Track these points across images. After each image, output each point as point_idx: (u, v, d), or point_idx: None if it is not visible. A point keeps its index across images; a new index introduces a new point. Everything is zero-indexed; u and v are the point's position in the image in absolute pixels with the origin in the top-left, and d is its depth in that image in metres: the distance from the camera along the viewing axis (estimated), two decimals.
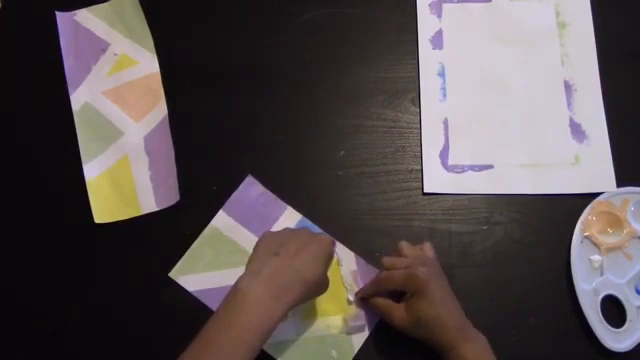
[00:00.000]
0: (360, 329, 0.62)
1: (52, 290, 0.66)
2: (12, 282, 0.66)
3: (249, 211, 0.67)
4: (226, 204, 0.67)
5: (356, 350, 0.62)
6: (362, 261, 0.65)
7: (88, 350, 0.64)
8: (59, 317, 0.65)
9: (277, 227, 0.66)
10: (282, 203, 0.67)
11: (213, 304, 0.63)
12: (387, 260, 0.60)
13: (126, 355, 0.63)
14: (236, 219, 0.67)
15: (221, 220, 0.67)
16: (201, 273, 0.65)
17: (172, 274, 0.65)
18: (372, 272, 0.64)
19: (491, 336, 0.61)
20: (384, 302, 0.60)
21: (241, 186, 0.68)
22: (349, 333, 0.62)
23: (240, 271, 0.56)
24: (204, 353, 0.51)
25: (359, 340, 0.62)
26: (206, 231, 0.66)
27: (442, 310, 0.55)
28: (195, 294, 0.64)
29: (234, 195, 0.67)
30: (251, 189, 0.68)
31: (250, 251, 0.59)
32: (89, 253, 0.67)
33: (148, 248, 0.66)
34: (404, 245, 0.61)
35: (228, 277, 0.64)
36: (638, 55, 0.72)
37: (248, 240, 0.66)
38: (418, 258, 0.59)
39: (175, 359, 0.62)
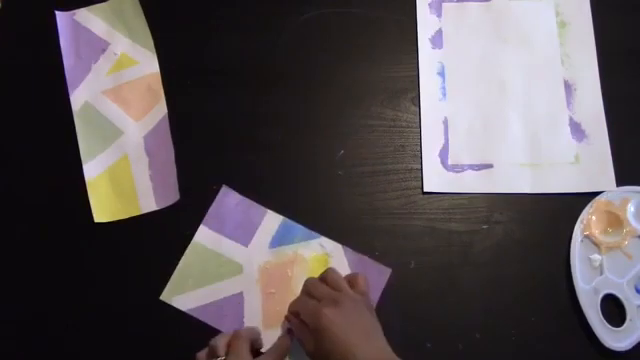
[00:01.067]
0: None
1: (52, 290, 0.66)
2: (12, 282, 0.66)
3: (230, 221, 0.67)
4: (205, 218, 0.67)
5: None
6: (350, 251, 0.65)
7: (88, 350, 0.64)
8: (59, 317, 0.65)
9: (261, 232, 0.66)
10: (261, 208, 0.67)
11: (210, 320, 0.63)
12: (308, 283, 0.59)
13: (126, 355, 0.63)
14: (218, 231, 0.66)
15: (203, 235, 0.66)
16: (192, 291, 0.64)
17: (163, 297, 0.64)
18: (363, 261, 0.64)
19: (491, 336, 0.62)
20: (299, 328, 0.58)
21: (217, 197, 0.67)
22: None
23: (230, 282, 0.59)
24: None
25: None
26: (190, 248, 0.66)
27: (343, 350, 0.52)
28: (190, 313, 0.64)
29: (212, 208, 0.67)
30: (228, 199, 0.67)
31: (238, 260, 0.61)
32: (89, 253, 0.67)
33: (148, 248, 0.66)
34: (331, 273, 0.59)
35: (219, 290, 0.64)
36: (638, 55, 0.72)
37: (233, 250, 0.66)
38: (333, 293, 0.57)
39: (175, 359, 0.63)
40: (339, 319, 0.54)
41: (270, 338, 0.61)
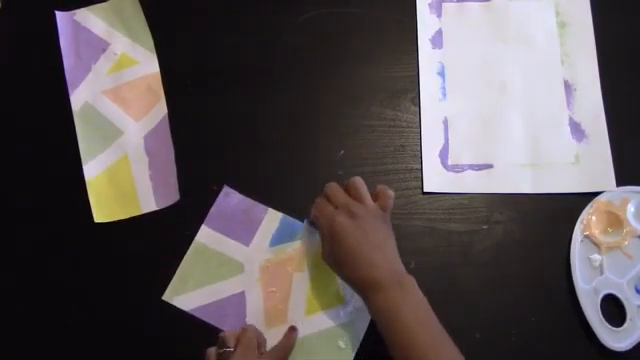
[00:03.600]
0: (358, 314, 0.62)
1: (52, 290, 0.66)
2: (12, 282, 0.66)
3: (231, 220, 0.67)
4: (207, 218, 0.67)
5: (362, 336, 0.62)
6: None
7: (88, 350, 0.64)
8: (59, 317, 0.65)
9: (261, 231, 0.66)
10: (262, 206, 0.67)
11: (212, 319, 0.64)
12: (329, 187, 0.61)
13: (126, 355, 0.63)
14: (219, 231, 0.66)
15: (204, 235, 0.66)
16: (194, 291, 0.65)
17: (166, 297, 0.64)
18: None
19: (491, 336, 0.62)
20: (320, 225, 0.60)
21: (219, 198, 0.67)
22: (350, 321, 0.62)
23: (232, 282, 0.61)
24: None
25: (362, 325, 0.62)
26: (191, 249, 0.66)
27: (355, 262, 0.56)
28: (192, 313, 0.64)
29: (214, 208, 0.67)
30: (229, 199, 0.67)
31: (239, 259, 0.62)
32: (89, 253, 0.67)
33: (148, 248, 0.66)
34: (354, 182, 0.60)
35: (221, 290, 0.64)
36: (638, 55, 0.72)
37: (235, 249, 0.66)
38: (351, 203, 0.59)
39: (175, 359, 0.63)
40: (352, 229, 0.57)
41: (272, 337, 0.62)
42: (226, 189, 0.68)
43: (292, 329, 0.62)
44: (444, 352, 0.52)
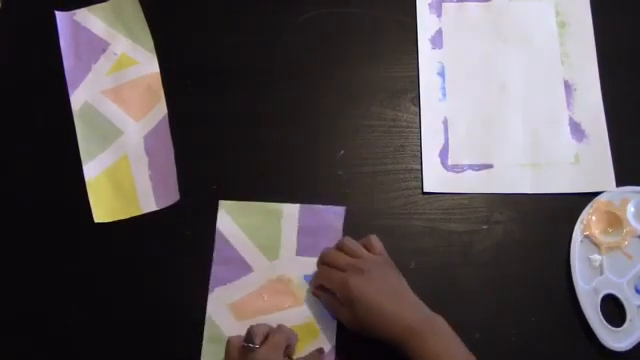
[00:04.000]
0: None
1: (52, 290, 0.66)
2: (12, 282, 0.66)
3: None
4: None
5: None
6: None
7: (88, 350, 0.64)
8: (59, 317, 0.65)
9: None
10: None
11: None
12: (327, 254, 0.61)
13: (126, 355, 0.63)
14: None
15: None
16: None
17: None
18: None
19: (491, 336, 0.62)
20: (330, 301, 0.60)
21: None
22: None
23: None
24: None
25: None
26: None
27: (383, 316, 0.55)
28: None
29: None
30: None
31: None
32: (89, 253, 0.67)
33: (148, 248, 0.66)
34: (347, 242, 0.61)
35: None
36: (638, 55, 0.72)
37: None
38: (355, 262, 0.58)
39: (175, 359, 0.63)
40: (368, 286, 0.56)
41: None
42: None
43: (320, 351, 0.61)
44: None
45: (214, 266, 0.65)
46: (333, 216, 0.66)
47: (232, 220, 0.67)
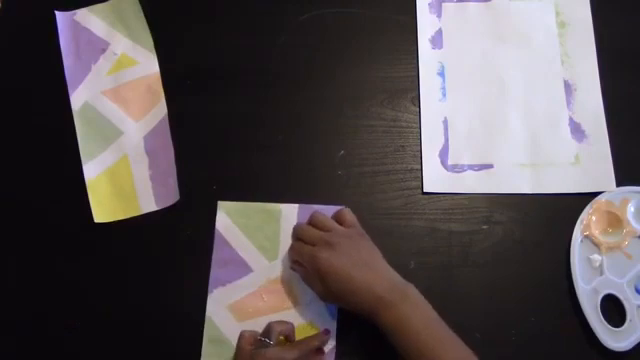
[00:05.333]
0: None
1: (52, 290, 0.66)
2: (12, 282, 0.66)
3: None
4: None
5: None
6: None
7: (88, 350, 0.64)
8: (59, 317, 0.65)
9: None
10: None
11: None
12: (298, 229, 0.62)
13: (126, 355, 0.63)
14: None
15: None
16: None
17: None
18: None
19: (491, 336, 0.62)
20: (305, 274, 0.61)
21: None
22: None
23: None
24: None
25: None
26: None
27: (354, 287, 0.56)
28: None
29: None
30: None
31: None
32: (89, 253, 0.67)
33: (148, 248, 0.66)
34: (318, 215, 0.62)
35: None
36: (638, 55, 0.72)
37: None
38: (325, 236, 0.59)
39: (175, 359, 0.63)
40: (337, 259, 0.57)
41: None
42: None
43: (326, 332, 0.61)
44: (454, 350, 0.54)
45: (213, 267, 0.65)
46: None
47: (231, 221, 0.67)
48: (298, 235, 0.62)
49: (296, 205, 0.67)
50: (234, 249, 0.66)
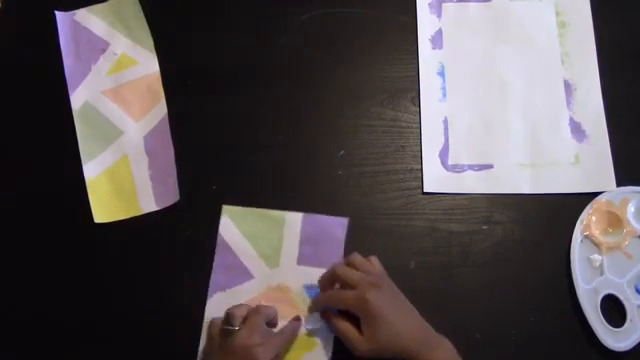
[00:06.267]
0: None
1: (52, 290, 0.66)
2: (12, 282, 0.66)
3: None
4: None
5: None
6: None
7: (88, 350, 0.64)
8: (58, 317, 0.65)
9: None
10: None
11: None
12: (340, 271, 0.59)
13: (126, 355, 0.63)
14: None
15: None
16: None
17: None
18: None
19: (491, 336, 0.62)
20: (346, 328, 0.58)
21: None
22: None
23: None
24: None
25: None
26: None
27: (400, 329, 0.55)
28: None
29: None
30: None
31: None
32: (89, 253, 0.67)
33: (148, 248, 0.66)
34: (357, 258, 0.60)
35: None
36: (638, 55, 0.72)
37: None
38: (368, 277, 0.58)
39: (175, 359, 0.63)
40: (385, 301, 0.56)
41: None
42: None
43: (297, 318, 0.62)
44: None
45: (214, 271, 0.65)
46: (336, 226, 0.66)
47: (234, 226, 0.66)
48: (340, 273, 0.59)
49: (300, 214, 0.66)
50: (236, 255, 0.66)
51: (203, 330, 0.63)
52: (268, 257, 0.65)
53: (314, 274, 0.63)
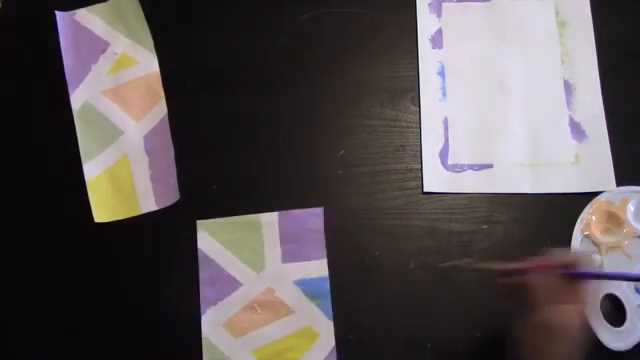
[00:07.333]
0: None
1: (52, 290, 0.66)
2: (12, 282, 0.66)
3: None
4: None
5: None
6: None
7: (87, 350, 0.64)
8: (58, 317, 0.65)
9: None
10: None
11: None
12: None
13: (126, 355, 0.63)
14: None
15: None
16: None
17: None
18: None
19: (491, 336, 0.62)
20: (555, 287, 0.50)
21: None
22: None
23: None
24: None
25: None
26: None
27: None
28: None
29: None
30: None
31: None
32: (89, 253, 0.67)
33: (148, 248, 0.66)
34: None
35: None
36: (638, 55, 0.72)
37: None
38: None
39: (175, 359, 0.63)
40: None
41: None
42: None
43: None
44: None
45: (202, 287, 0.65)
46: (312, 218, 0.66)
47: (213, 238, 0.66)
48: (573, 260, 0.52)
49: (275, 213, 0.66)
50: (220, 266, 0.65)
51: (203, 352, 0.63)
52: (252, 262, 0.65)
53: (301, 269, 0.64)
